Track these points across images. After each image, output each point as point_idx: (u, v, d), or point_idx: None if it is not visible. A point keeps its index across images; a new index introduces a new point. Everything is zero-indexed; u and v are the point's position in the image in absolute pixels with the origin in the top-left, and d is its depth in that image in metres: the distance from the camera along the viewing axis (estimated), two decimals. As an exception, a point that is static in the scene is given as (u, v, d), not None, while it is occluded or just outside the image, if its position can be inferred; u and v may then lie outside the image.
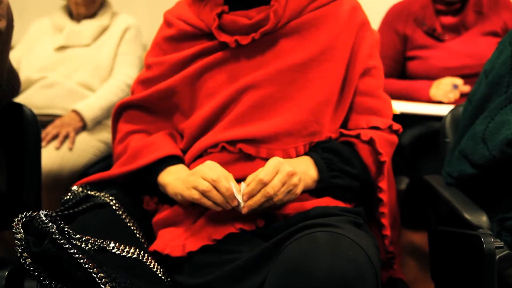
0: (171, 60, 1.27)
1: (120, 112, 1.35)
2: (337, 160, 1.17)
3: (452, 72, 2.10)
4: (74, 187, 1.27)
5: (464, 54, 2.10)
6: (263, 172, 1.03)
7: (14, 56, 2.24)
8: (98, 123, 2.17)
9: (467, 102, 1.37)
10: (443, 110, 1.79)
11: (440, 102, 2.05)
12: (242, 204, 1.05)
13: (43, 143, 1.98)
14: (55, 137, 2.03)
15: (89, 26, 2.32)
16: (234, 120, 1.19)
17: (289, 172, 1.05)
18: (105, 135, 2.17)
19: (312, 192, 1.17)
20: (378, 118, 1.25)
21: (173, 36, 1.30)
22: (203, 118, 1.22)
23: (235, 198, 1.05)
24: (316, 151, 1.19)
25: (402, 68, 2.26)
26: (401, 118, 1.90)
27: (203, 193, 1.04)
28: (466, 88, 2.04)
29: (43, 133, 2.01)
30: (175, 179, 1.15)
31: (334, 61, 1.22)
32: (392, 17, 2.27)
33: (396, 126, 1.26)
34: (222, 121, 1.21)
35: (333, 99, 1.23)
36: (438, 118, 1.69)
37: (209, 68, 1.24)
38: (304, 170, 1.14)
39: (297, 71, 1.20)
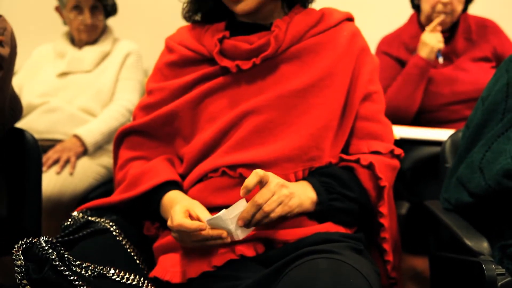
0: (173, 85, 1.28)
1: (122, 138, 1.35)
2: (336, 184, 1.17)
3: (447, 98, 2.12)
4: (75, 213, 1.27)
5: (457, 81, 2.13)
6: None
7: (16, 82, 2.26)
8: (99, 147, 2.17)
9: (465, 128, 1.38)
10: (443, 135, 1.79)
11: (440, 124, 2.06)
12: (233, 229, 1.05)
13: (44, 168, 1.98)
14: (56, 161, 2.03)
15: (91, 52, 2.34)
16: (235, 145, 1.19)
17: (278, 183, 1.05)
18: (106, 159, 2.17)
19: (312, 217, 1.16)
20: (379, 143, 1.26)
21: (175, 62, 1.31)
22: (204, 142, 1.22)
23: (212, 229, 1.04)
24: (314, 176, 1.19)
25: None
26: (401, 143, 1.90)
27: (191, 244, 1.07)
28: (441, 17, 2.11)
29: (44, 158, 2.02)
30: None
31: (334, 87, 1.23)
32: (384, 46, 2.32)
33: (398, 151, 1.26)
34: (223, 146, 1.21)
35: (334, 124, 1.23)
36: (438, 143, 1.70)
37: (210, 93, 1.25)
38: (301, 191, 1.13)
39: (297, 97, 1.21)
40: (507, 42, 2.23)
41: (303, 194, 1.13)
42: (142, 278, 1.07)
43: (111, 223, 1.19)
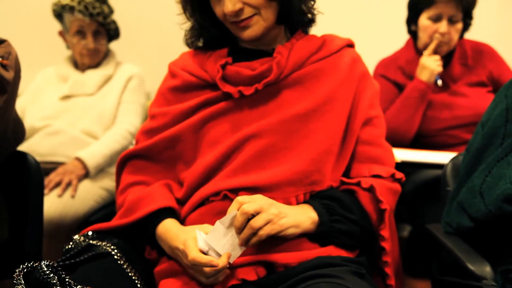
0: (175, 110, 1.29)
1: (124, 162, 1.35)
2: (337, 206, 1.17)
3: (445, 122, 2.13)
4: (76, 236, 1.27)
5: (455, 105, 2.14)
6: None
7: (19, 105, 2.28)
8: (100, 170, 2.18)
9: (465, 152, 1.38)
10: (444, 158, 1.79)
11: (439, 148, 2.07)
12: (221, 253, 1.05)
13: (46, 191, 1.99)
14: (57, 184, 2.04)
15: (94, 75, 2.36)
16: (237, 169, 1.20)
17: (266, 202, 1.06)
18: (108, 182, 2.18)
19: (313, 239, 1.16)
20: (380, 167, 1.26)
21: (178, 87, 1.32)
22: (205, 166, 1.22)
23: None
24: (315, 199, 1.19)
25: None
26: (403, 166, 1.90)
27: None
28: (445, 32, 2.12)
29: (46, 181, 2.02)
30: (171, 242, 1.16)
31: (335, 112, 1.24)
32: (381, 69, 2.33)
33: (399, 175, 1.27)
34: (225, 170, 1.21)
35: (335, 148, 1.24)
36: (439, 166, 1.70)
37: (213, 117, 1.26)
38: (299, 211, 1.13)
39: (299, 121, 1.22)
40: (503, 66, 2.25)
41: (302, 214, 1.13)
42: (143, 302, 1.07)
43: (112, 247, 1.19)
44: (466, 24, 2.23)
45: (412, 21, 2.29)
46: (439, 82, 2.15)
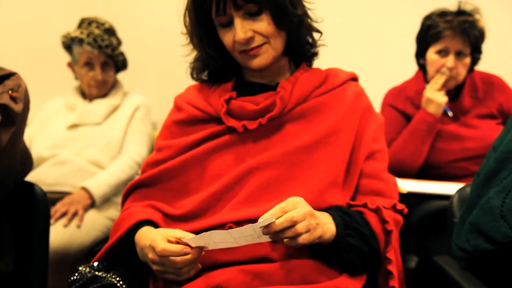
0: (180, 143, 1.30)
1: (130, 192, 1.36)
2: (351, 220, 1.16)
3: (454, 155, 2.12)
4: (81, 267, 1.26)
5: (465, 137, 2.13)
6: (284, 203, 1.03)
7: (27, 134, 2.29)
8: (106, 200, 2.18)
9: (475, 176, 1.38)
10: (450, 189, 1.79)
11: (447, 180, 2.06)
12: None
13: (52, 221, 1.99)
14: (63, 214, 2.04)
15: (101, 105, 2.38)
16: (241, 201, 1.19)
17: (310, 211, 1.04)
18: (113, 212, 2.18)
19: (321, 260, 1.14)
20: (383, 199, 1.26)
21: (183, 120, 1.33)
22: (208, 196, 1.22)
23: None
24: (333, 209, 1.18)
25: None
26: (409, 196, 1.90)
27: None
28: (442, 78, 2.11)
29: (52, 211, 2.02)
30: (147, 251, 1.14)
31: (338, 144, 1.25)
32: (390, 99, 2.33)
33: (400, 206, 1.26)
34: (229, 202, 1.21)
35: (339, 180, 1.23)
36: (446, 197, 1.69)
37: (217, 150, 1.26)
38: (325, 220, 1.11)
39: (302, 153, 1.22)
40: None
41: (326, 226, 1.11)
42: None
43: (117, 278, 1.18)
44: (474, 59, 2.23)
45: (420, 55, 2.30)
46: (450, 113, 2.14)
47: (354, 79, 1.38)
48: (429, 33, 2.20)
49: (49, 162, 2.23)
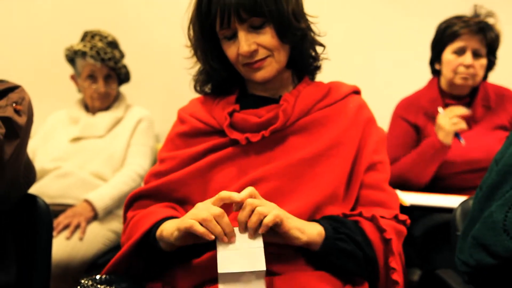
0: (184, 155, 1.30)
1: (132, 202, 1.36)
2: (342, 227, 1.16)
3: (462, 166, 2.11)
4: (83, 280, 1.26)
5: (474, 148, 2.11)
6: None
7: (30, 147, 2.30)
8: (109, 212, 2.18)
9: (478, 189, 1.37)
10: (453, 202, 1.78)
11: (452, 191, 2.05)
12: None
13: (54, 233, 1.99)
14: (66, 227, 2.04)
15: (104, 118, 2.39)
16: None
17: (275, 206, 1.07)
18: (116, 224, 2.18)
19: (316, 265, 1.14)
20: (384, 210, 1.25)
21: (186, 133, 1.33)
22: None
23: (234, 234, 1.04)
24: (322, 218, 1.18)
25: None
26: (412, 209, 1.90)
27: (202, 222, 1.03)
28: (461, 110, 2.08)
29: (55, 223, 2.02)
30: (170, 223, 1.13)
31: (340, 156, 1.25)
32: (402, 110, 2.31)
33: (403, 217, 1.25)
34: (231, 214, 1.21)
35: (340, 192, 1.24)
36: (449, 210, 1.69)
37: (219, 163, 1.27)
38: (306, 222, 1.12)
39: (304, 166, 1.23)
40: None
41: (309, 224, 1.11)
42: None
43: (120, 292, 1.18)
44: (490, 62, 2.23)
45: (435, 59, 2.30)
46: (462, 141, 2.09)
47: (357, 92, 1.38)
48: (445, 34, 2.20)
49: (52, 175, 2.23)
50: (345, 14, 3.10)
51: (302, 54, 1.31)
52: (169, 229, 1.12)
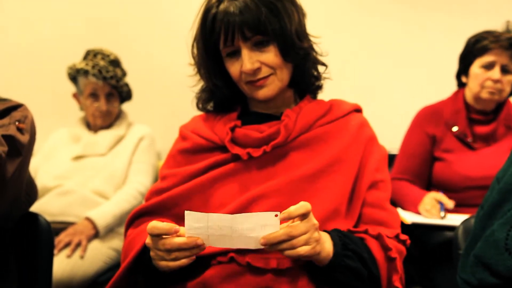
0: (185, 171, 1.30)
1: (133, 220, 1.36)
2: (350, 242, 1.15)
3: (473, 181, 2.09)
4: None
5: (489, 165, 2.09)
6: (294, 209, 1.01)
7: (32, 165, 2.30)
8: (110, 230, 2.18)
9: (479, 208, 1.37)
10: (455, 221, 1.78)
11: (462, 206, 2.04)
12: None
13: (55, 251, 1.98)
14: (67, 245, 2.04)
15: (106, 136, 2.40)
16: None
17: (315, 224, 1.03)
18: (117, 242, 2.17)
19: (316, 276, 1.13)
20: (386, 229, 1.25)
21: (188, 149, 1.34)
22: None
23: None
24: (333, 230, 1.17)
25: (430, 168, 2.27)
26: (413, 228, 1.89)
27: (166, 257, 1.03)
28: (450, 205, 2.02)
29: (56, 241, 2.02)
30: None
31: (342, 172, 1.25)
32: (422, 119, 2.30)
33: (404, 237, 1.25)
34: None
35: (342, 208, 1.24)
36: (451, 228, 1.68)
37: (221, 178, 1.27)
38: (324, 239, 1.10)
39: (306, 182, 1.23)
40: None
41: (324, 244, 1.09)
42: None
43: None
44: None
45: (463, 72, 2.28)
46: (442, 214, 2.00)
47: (358, 110, 1.39)
48: (475, 47, 2.18)
49: (53, 192, 2.24)
50: (347, 33, 3.13)
51: (304, 73, 1.32)
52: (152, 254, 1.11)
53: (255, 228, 0.98)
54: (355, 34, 3.14)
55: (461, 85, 2.32)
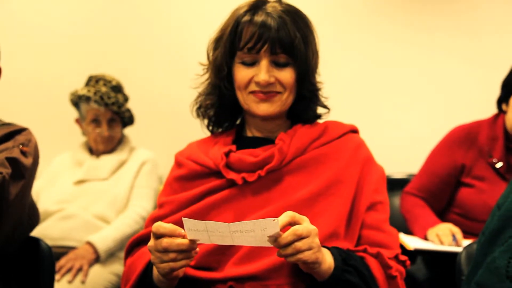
0: (181, 198, 1.30)
1: (132, 248, 1.36)
2: (351, 258, 1.14)
3: None
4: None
5: None
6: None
7: (35, 189, 2.29)
8: (111, 255, 2.17)
9: (481, 234, 1.37)
10: (457, 248, 1.77)
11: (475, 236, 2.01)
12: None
13: (57, 277, 1.97)
14: (68, 270, 2.02)
15: (108, 161, 2.40)
16: (243, 257, 1.18)
17: (315, 229, 1.02)
18: (118, 267, 2.16)
19: None
20: (385, 250, 1.25)
21: (183, 176, 1.34)
22: (210, 253, 1.21)
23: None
24: (331, 248, 1.16)
25: (450, 191, 2.16)
26: (416, 254, 1.88)
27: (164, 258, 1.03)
28: (462, 243, 1.90)
29: (57, 266, 2.01)
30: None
31: (340, 194, 1.25)
32: (454, 141, 2.17)
33: (403, 257, 1.25)
34: (231, 258, 1.20)
35: (341, 231, 1.22)
36: (453, 254, 1.67)
37: (217, 205, 1.26)
38: (324, 251, 1.09)
39: (304, 206, 1.22)
40: None
41: (324, 256, 1.08)
42: None
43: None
44: None
45: (504, 100, 2.10)
46: (454, 243, 1.91)
47: (354, 131, 1.39)
48: None
49: (55, 217, 2.23)
50: (353, 54, 3.17)
51: (306, 108, 1.34)
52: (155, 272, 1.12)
53: (255, 229, 0.97)
54: (360, 56, 3.18)
55: (501, 112, 2.14)
